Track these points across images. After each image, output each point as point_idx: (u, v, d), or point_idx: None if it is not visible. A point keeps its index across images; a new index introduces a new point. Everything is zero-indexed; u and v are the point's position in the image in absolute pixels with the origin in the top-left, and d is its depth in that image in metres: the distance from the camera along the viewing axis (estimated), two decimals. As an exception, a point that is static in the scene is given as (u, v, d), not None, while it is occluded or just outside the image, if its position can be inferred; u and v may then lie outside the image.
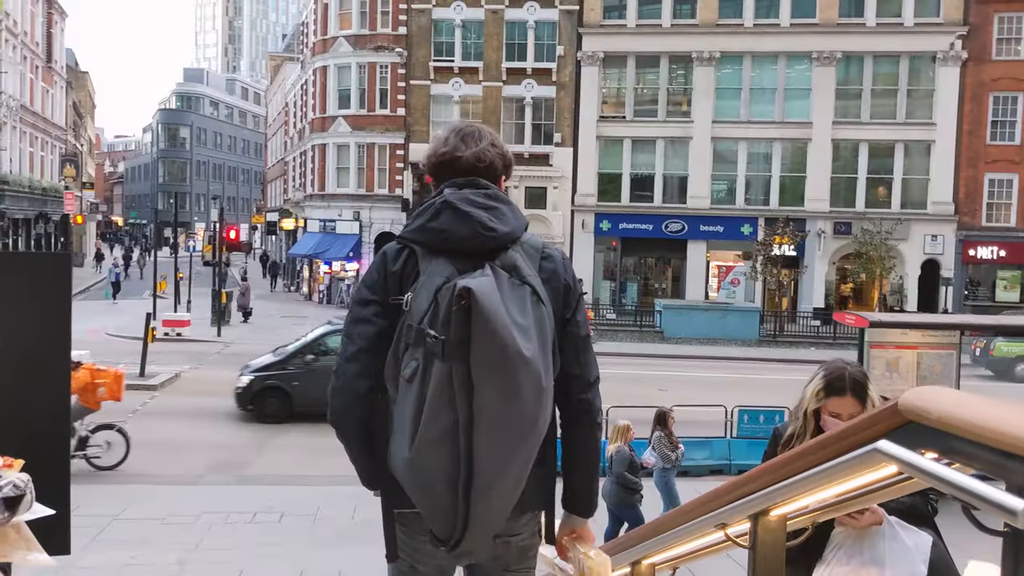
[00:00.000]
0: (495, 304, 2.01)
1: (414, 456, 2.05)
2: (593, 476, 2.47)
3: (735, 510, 2.29)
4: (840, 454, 1.85)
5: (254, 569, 9.03)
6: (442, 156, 2.39)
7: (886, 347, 12.92)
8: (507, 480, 2.09)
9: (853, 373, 2.97)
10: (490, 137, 2.44)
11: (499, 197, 2.33)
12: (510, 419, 2.04)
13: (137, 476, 12.94)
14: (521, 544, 2.38)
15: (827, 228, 35.70)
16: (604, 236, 36.65)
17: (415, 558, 2.34)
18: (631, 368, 25.48)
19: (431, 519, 2.13)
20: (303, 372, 16.91)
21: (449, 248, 2.20)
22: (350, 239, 39.02)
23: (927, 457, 1.58)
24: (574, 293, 2.36)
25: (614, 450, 10.24)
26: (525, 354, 2.02)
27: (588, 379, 2.39)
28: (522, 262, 2.21)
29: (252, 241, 70.55)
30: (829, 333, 32.46)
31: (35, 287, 3.22)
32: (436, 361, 2.03)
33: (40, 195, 44.77)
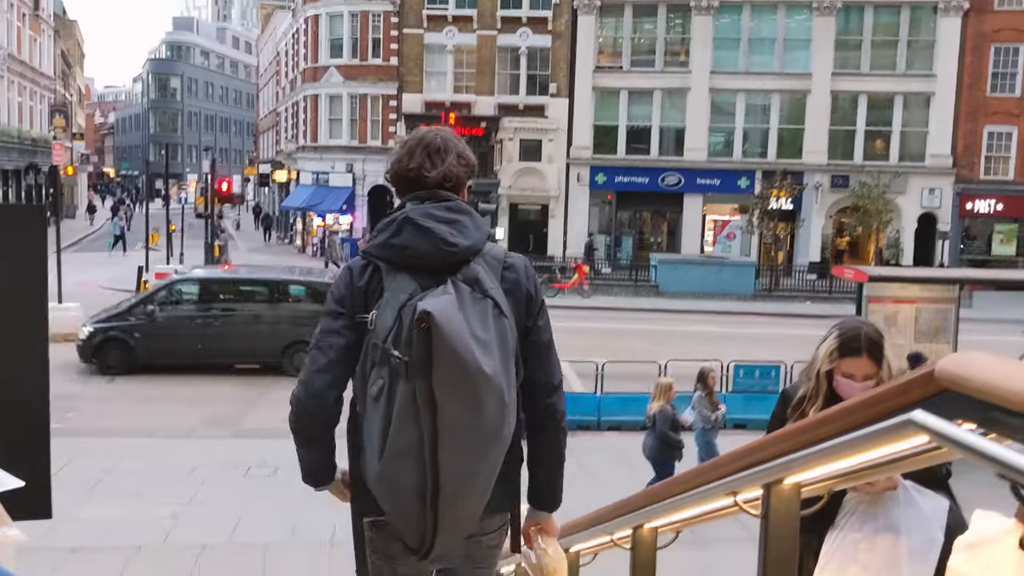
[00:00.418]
0: (455, 324, 2.08)
1: (383, 470, 2.14)
2: (557, 474, 2.53)
3: (747, 478, 2.17)
4: (867, 423, 1.72)
5: (248, 523, 9.00)
6: (408, 172, 2.41)
7: (884, 301, 12.84)
8: (474, 490, 2.19)
9: (868, 332, 2.84)
10: (455, 149, 2.44)
11: (461, 209, 2.35)
12: (474, 433, 2.12)
13: (130, 429, 12.88)
14: (491, 543, 2.48)
15: (824, 181, 35.48)
16: (599, 189, 36.37)
17: (393, 560, 2.40)
18: (626, 323, 25.44)
19: (402, 529, 2.24)
20: (145, 323, 16.68)
21: (412, 264, 2.25)
22: (343, 192, 38.69)
23: (964, 428, 1.46)
24: (535, 301, 2.40)
25: (657, 408, 10.18)
26: (486, 371, 2.09)
27: (552, 384, 2.44)
28: (484, 275, 2.25)
29: (245, 193, 70.01)
30: (825, 287, 32.42)
31: (7, 242, 3.06)
32: (400, 380, 2.10)
33: (30, 146, 44.25)
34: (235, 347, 16.84)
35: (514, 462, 2.41)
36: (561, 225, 36.33)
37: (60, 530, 8.30)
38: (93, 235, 48.37)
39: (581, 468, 12.18)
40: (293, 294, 18.03)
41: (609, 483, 10.86)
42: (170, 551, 8.28)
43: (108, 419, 13.57)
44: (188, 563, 7.86)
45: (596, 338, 21.67)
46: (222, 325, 16.90)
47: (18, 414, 3.13)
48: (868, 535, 2.70)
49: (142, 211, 39.35)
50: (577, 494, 10.99)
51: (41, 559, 7.47)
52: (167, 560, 7.98)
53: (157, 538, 8.61)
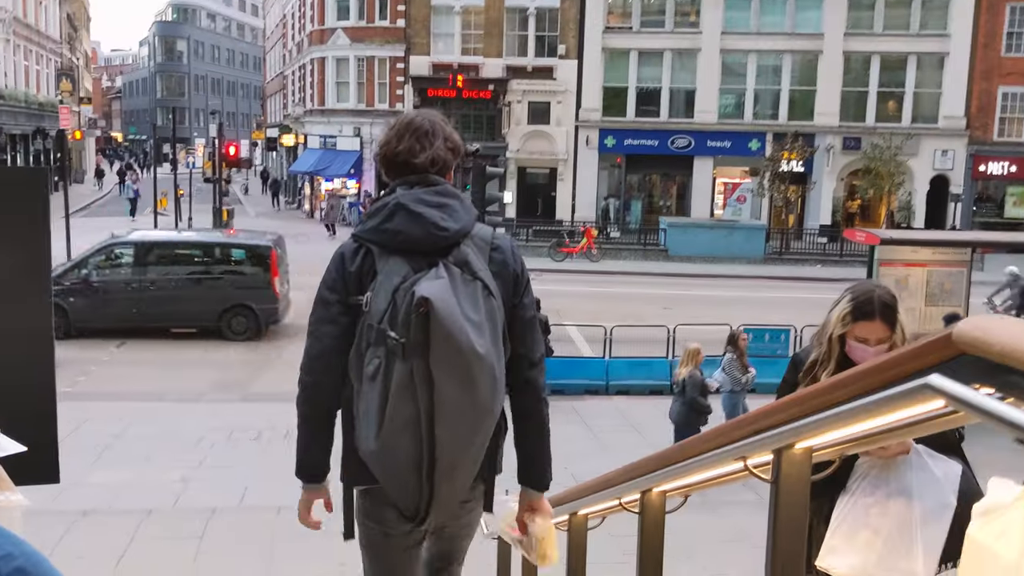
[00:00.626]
0: (451, 308, 2.19)
1: (380, 446, 2.26)
2: (543, 449, 2.63)
3: (758, 443, 2.13)
4: (882, 387, 1.68)
5: (258, 486, 9.06)
6: (396, 155, 2.48)
7: (896, 265, 12.74)
8: (467, 462, 2.34)
9: (882, 296, 2.78)
10: (443, 132, 2.52)
11: (450, 193, 2.45)
12: (468, 409, 2.25)
13: (140, 394, 12.94)
14: (473, 506, 2.61)
15: (836, 143, 35.16)
16: (608, 152, 36.12)
17: (385, 525, 2.50)
18: (635, 287, 25.38)
19: (399, 499, 2.36)
20: (80, 288, 16.44)
21: (404, 248, 2.33)
22: (351, 155, 38.52)
23: (983, 392, 1.42)
24: (521, 281, 2.50)
25: (686, 373, 10.15)
26: (479, 350, 2.21)
27: (533, 358, 2.53)
28: (473, 257, 2.35)
29: (252, 157, 69.81)
30: (836, 251, 32.25)
31: (11, 205, 3.03)
32: (397, 359, 2.21)
33: (37, 110, 44.12)
34: (172, 311, 16.54)
35: (498, 434, 2.50)
36: (570, 189, 36.14)
37: (70, 494, 8.37)
38: (101, 200, 48.38)
39: (589, 432, 12.22)
40: (232, 257, 17.83)
41: (617, 447, 10.89)
42: (180, 515, 8.35)
43: (117, 383, 13.65)
44: (198, 527, 7.92)
45: (604, 302, 21.64)
46: (158, 289, 16.60)
47: (24, 378, 3.12)
48: (880, 500, 2.68)
49: (150, 176, 39.28)
50: (585, 458, 11.10)
51: (52, 523, 7.54)
52: (177, 524, 8.05)
53: (167, 502, 8.68)
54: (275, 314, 17.19)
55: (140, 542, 7.51)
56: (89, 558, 7.02)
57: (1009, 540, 1.56)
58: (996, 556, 1.58)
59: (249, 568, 7.04)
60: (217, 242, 18.46)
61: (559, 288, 23.59)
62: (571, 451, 11.07)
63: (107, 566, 6.94)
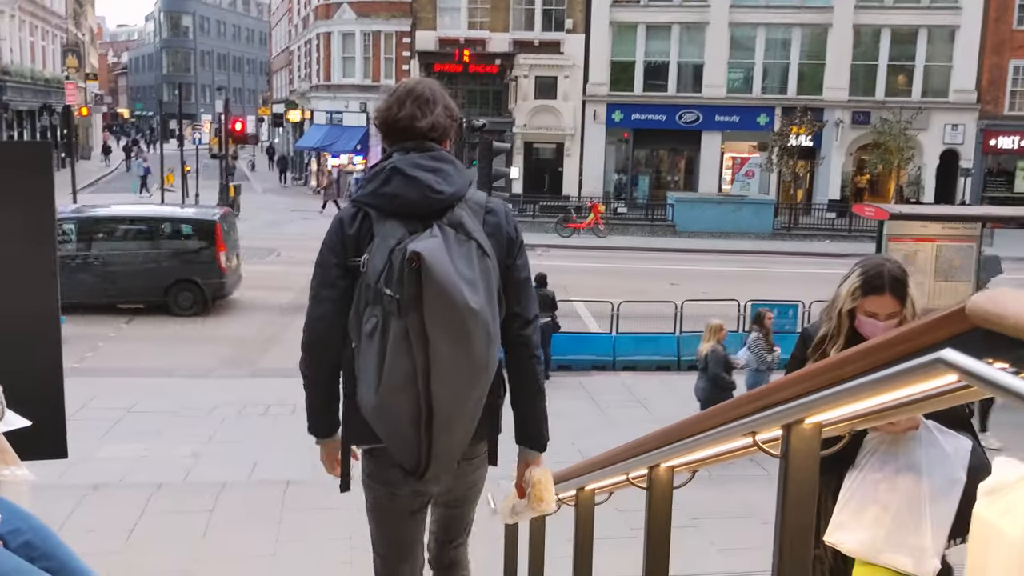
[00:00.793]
0: (443, 263, 2.24)
1: (380, 401, 2.32)
2: (539, 405, 2.71)
3: (767, 418, 2.12)
4: (893, 361, 1.66)
5: (268, 461, 9.11)
6: (397, 120, 2.53)
7: (904, 240, 12.69)
8: (464, 416, 2.39)
9: (892, 270, 2.76)
10: (443, 100, 2.59)
11: (445, 158, 2.51)
12: (462, 364, 2.30)
13: (149, 369, 13.00)
14: (478, 465, 2.69)
15: (845, 118, 34.91)
16: (616, 127, 35.93)
17: (391, 485, 2.57)
18: (642, 263, 25.34)
19: (399, 454, 2.43)
20: None
21: (401, 211, 2.39)
22: (357, 131, 38.39)
23: (997, 367, 1.40)
24: (515, 242, 2.57)
25: (708, 349, 10.13)
26: (473, 306, 2.27)
27: (527, 317, 2.59)
28: (467, 219, 2.40)
29: (259, 133, 69.65)
30: (844, 225, 32.11)
31: (15, 181, 3.01)
32: (393, 318, 2.27)
33: (43, 86, 44.04)
34: (116, 287, 16.46)
35: (497, 394, 2.59)
36: (577, 164, 36.00)
37: (81, 468, 8.43)
38: (108, 176, 48.38)
39: (596, 407, 12.24)
40: (177, 232, 17.70)
41: (624, 422, 10.91)
42: (191, 489, 8.40)
43: (126, 359, 13.70)
44: (209, 501, 7.97)
45: (611, 278, 21.62)
46: (103, 264, 16.49)
47: (31, 354, 3.12)
48: (888, 475, 2.66)
49: (156, 152, 39.24)
50: (592, 433, 11.14)
51: (62, 497, 7.59)
52: (188, 498, 8.10)
53: (177, 476, 8.74)
54: (222, 289, 17.07)
55: (150, 516, 7.56)
56: (99, 532, 7.07)
57: (1015, 517, 1.57)
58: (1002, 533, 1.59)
59: (259, 542, 7.08)
60: (162, 217, 18.36)
61: (566, 264, 23.56)
62: (578, 426, 11.10)
63: (117, 540, 6.99)
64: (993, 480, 1.71)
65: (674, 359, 14.89)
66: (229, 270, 17.11)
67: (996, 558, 1.59)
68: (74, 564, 2.53)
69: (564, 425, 11.26)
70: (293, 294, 18.76)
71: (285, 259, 24.31)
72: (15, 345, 3.08)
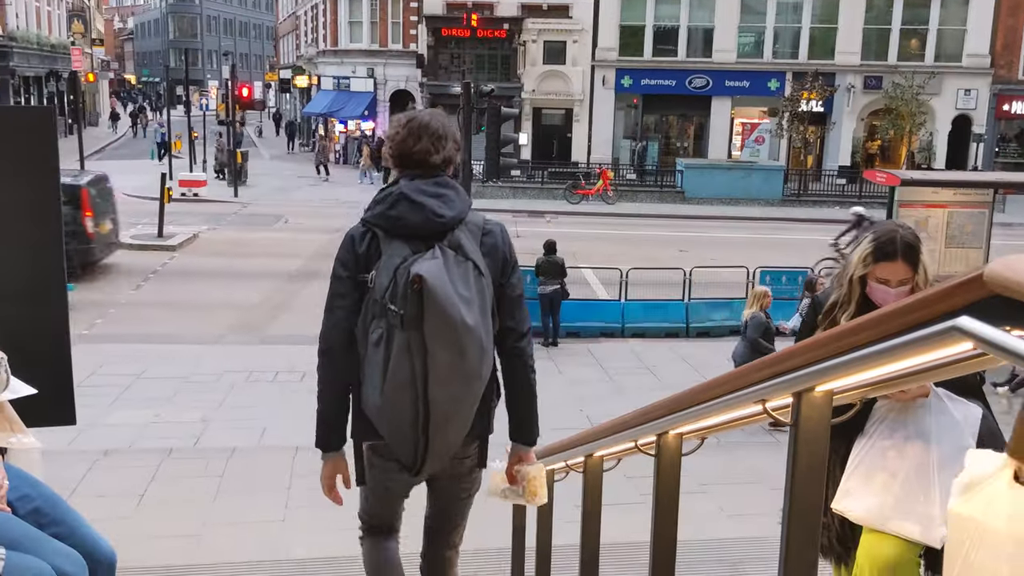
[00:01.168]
0: (443, 285, 2.50)
1: (383, 403, 2.59)
2: (532, 409, 2.92)
3: (777, 386, 2.10)
4: (907, 329, 1.63)
5: (277, 427, 9.16)
6: (414, 154, 2.76)
7: (916, 206, 12.58)
8: (458, 419, 2.66)
9: (905, 236, 2.72)
10: (452, 135, 2.83)
11: (447, 184, 2.75)
12: (457, 373, 2.56)
13: (159, 336, 13.04)
14: (471, 464, 2.94)
15: (857, 83, 34.53)
16: (625, 93, 35.62)
17: (387, 477, 2.86)
18: (650, 229, 25.25)
19: (399, 450, 2.70)
20: None
21: (405, 232, 2.63)
22: (365, 97, 38.18)
23: (1015, 335, 1.37)
24: (510, 262, 2.81)
25: (749, 315, 10.16)
26: (468, 323, 2.52)
27: (521, 331, 2.84)
28: (466, 240, 2.65)
29: (266, 99, 69.32)
30: (854, 192, 31.88)
31: (18, 146, 2.99)
32: (396, 330, 2.52)
33: (49, 52, 43.83)
34: None
35: (491, 398, 2.84)
36: (585, 130, 35.76)
37: (91, 434, 8.50)
38: (116, 143, 48.30)
39: (605, 374, 12.25)
40: None
41: (632, 389, 10.93)
42: (201, 454, 8.46)
43: (136, 326, 13.75)
44: (218, 466, 8.03)
45: (620, 245, 21.56)
46: None
47: (38, 322, 3.11)
48: (898, 443, 2.65)
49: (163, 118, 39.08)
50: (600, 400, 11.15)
51: (73, 462, 7.65)
52: (198, 463, 8.16)
53: (187, 442, 8.80)
54: (89, 255, 16.68)
55: (160, 481, 7.62)
56: (110, 497, 7.14)
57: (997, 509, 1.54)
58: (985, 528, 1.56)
59: (268, 507, 7.14)
60: None
61: (574, 231, 23.49)
62: (586, 393, 11.12)
63: (128, 505, 7.06)
64: (966, 476, 1.68)
65: (683, 326, 14.88)
66: (97, 236, 16.77)
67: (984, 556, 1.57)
68: (83, 530, 2.55)
69: (573, 392, 11.28)
70: (302, 261, 18.79)
71: (293, 226, 24.31)
72: (21, 312, 3.07)
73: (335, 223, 21.58)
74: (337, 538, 6.45)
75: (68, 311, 3.23)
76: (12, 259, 3.04)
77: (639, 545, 3.33)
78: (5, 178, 2.98)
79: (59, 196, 3.14)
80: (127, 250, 19.71)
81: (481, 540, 6.15)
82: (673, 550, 3.09)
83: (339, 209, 24.92)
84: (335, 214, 23.45)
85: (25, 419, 2.65)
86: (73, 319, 3.43)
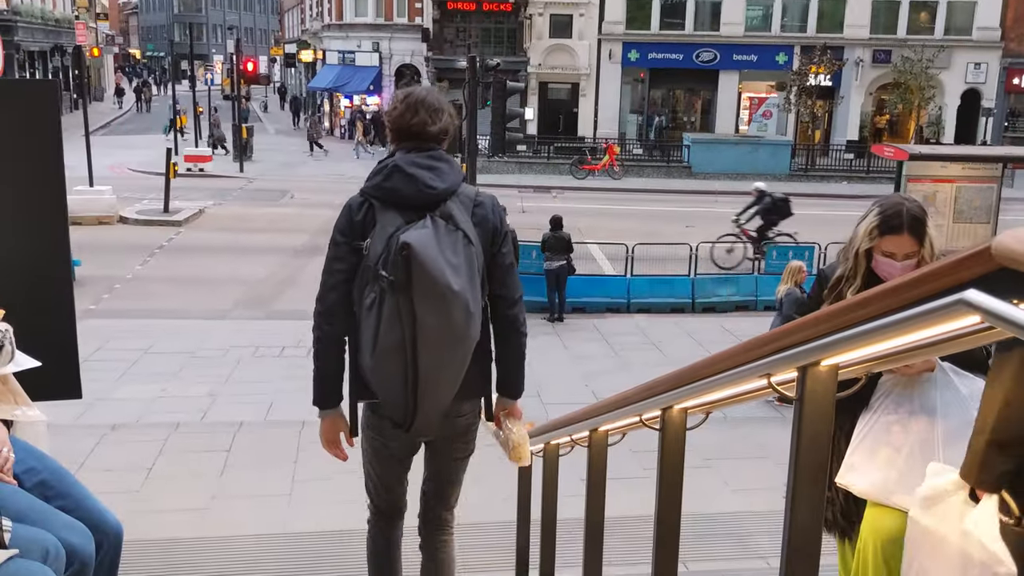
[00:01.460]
0: (430, 251, 2.65)
1: (375, 363, 2.75)
2: (518, 368, 3.12)
3: (782, 360, 2.09)
4: (913, 303, 1.62)
5: (284, 401, 9.20)
6: (412, 126, 2.90)
7: (924, 181, 12.53)
8: (445, 379, 2.81)
9: (911, 209, 2.70)
10: (448, 108, 2.99)
11: (441, 157, 2.89)
12: (444, 335, 2.71)
13: (165, 311, 13.07)
14: (465, 422, 3.10)
15: (865, 56, 34.25)
16: (632, 67, 35.39)
17: (385, 436, 3.03)
18: (657, 205, 25.17)
19: (390, 409, 2.87)
20: None
21: (399, 203, 2.78)
22: (370, 71, 38.00)
23: (1023, 308, 1.36)
24: (500, 232, 2.94)
25: (784, 291, 10.09)
26: (454, 287, 2.66)
27: (512, 297, 3.01)
28: (457, 211, 2.79)
29: (271, 74, 69.03)
30: (862, 167, 31.73)
31: (22, 118, 2.97)
32: (388, 294, 2.67)
33: (53, 26, 43.68)
34: None
35: (485, 359, 3.01)
36: (592, 104, 35.56)
37: (99, 409, 8.54)
38: (121, 118, 48.21)
39: (610, 350, 12.26)
40: None
41: (638, 364, 10.94)
42: (208, 428, 8.50)
43: (143, 300, 13.78)
44: (225, 440, 8.07)
45: (626, 220, 21.51)
46: None
47: (42, 296, 3.11)
48: (902, 417, 2.64)
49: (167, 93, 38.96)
50: (606, 375, 11.16)
51: (81, 436, 7.69)
52: (205, 437, 8.20)
53: (194, 416, 8.83)
54: None
55: (168, 455, 7.66)
56: (118, 471, 7.17)
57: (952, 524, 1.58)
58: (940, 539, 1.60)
59: (275, 481, 7.17)
60: None
61: (580, 206, 23.43)
62: (592, 368, 11.14)
63: (136, 479, 7.10)
64: (926, 489, 1.80)
65: (689, 301, 14.87)
66: None
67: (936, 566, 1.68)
68: (90, 503, 2.56)
69: (578, 367, 11.30)
70: (307, 236, 18.79)
71: (299, 201, 24.29)
72: (26, 285, 3.07)
73: (340, 198, 21.33)
74: (343, 511, 6.49)
75: (73, 284, 3.22)
76: (17, 232, 3.03)
77: (644, 519, 3.34)
78: (8, 151, 2.97)
79: (62, 168, 3.13)
80: (133, 225, 19.73)
81: (486, 513, 6.18)
82: (677, 524, 3.10)
83: (344, 184, 24.86)
84: (341, 189, 23.35)
85: (31, 393, 2.66)
86: (80, 294, 3.44)
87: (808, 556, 2.15)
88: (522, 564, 5.45)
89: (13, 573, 2.10)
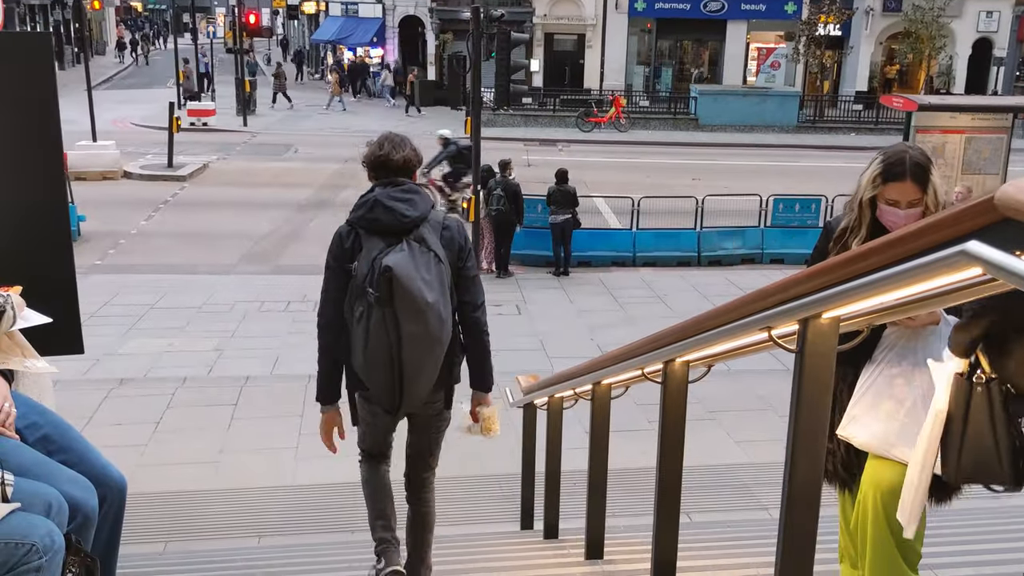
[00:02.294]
0: (408, 271, 3.21)
1: (366, 363, 3.35)
2: (485, 364, 3.64)
3: (784, 313, 2.08)
4: (915, 254, 1.60)
5: (289, 355, 9.24)
6: (378, 157, 3.46)
7: (933, 132, 12.39)
8: (424, 373, 3.38)
9: (914, 156, 2.66)
10: (409, 144, 3.53)
11: (413, 190, 3.43)
12: (423, 339, 3.29)
13: (171, 266, 13.09)
14: (438, 407, 3.63)
15: (876, 5, 33.67)
16: (639, 17, 34.87)
17: (373, 417, 3.61)
18: (663, 157, 24.98)
19: (381, 398, 3.46)
20: None
21: (380, 230, 3.32)
22: (373, 23, 37.54)
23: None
24: (465, 249, 3.51)
25: None
26: (429, 300, 3.24)
27: (476, 303, 3.56)
28: (428, 235, 3.34)
29: (274, 26, 68.21)
30: (871, 118, 31.38)
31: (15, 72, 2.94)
32: (374, 308, 3.23)
33: (53, -21, 43.19)
34: None
35: (454, 357, 3.52)
36: (598, 56, 35.11)
37: (106, 364, 8.61)
38: (124, 72, 47.84)
39: (615, 303, 12.26)
40: None
41: (643, 318, 10.94)
42: (214, 382, 8.56)
43: (149, 255, 13.78)
44: (232, 394, 8.13)
45: (632, 173, 21.38)
46: None
47: (42, 251, 3.10)
48: (906, 370, 2.63)
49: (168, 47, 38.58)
50: (611, 328, 11.18)
51: (89, 391, 7.75)
52: (212, 391, 8.26)
53: (201, 370, 8.89)
54: None
55: (175, 409, 7.73)
56: (126, 425, 7.25)
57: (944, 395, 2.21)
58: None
59: (281, 434, 7.24)
60: None
61: (586, 159, 23.29)
62: (597, 322, 11.15)
63: (144, 433, 7.16)
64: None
65: (695, 255, 14.83)
66: None
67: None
68: (92, 456, 2.57)
69: (583, 321, 11.31)
70: (312, 191, 18.74)
71: (303, 155, 24.16)
72: (24, 239, 3.06)
73: (344, 152, 21.44)
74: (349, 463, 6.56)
75: (71, 238, 3.22)
76: (14, 187, 3.02)
77: (647, 470, 3.36)
78: (3, 104, 2.94)
79: (58, 122, 3.09)
80: (137, 180, 19.68)
81: (492, 466, 6.23)
82: (679, 474, 3.12)
83: (349, 138, 24.72)
84: (345, 143, 23.25)
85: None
86: (85, 249, 3.46)
87: (808, 507, 2.16)
88: (527, 515, 5.51)
89: (15, 527, 2.12)
